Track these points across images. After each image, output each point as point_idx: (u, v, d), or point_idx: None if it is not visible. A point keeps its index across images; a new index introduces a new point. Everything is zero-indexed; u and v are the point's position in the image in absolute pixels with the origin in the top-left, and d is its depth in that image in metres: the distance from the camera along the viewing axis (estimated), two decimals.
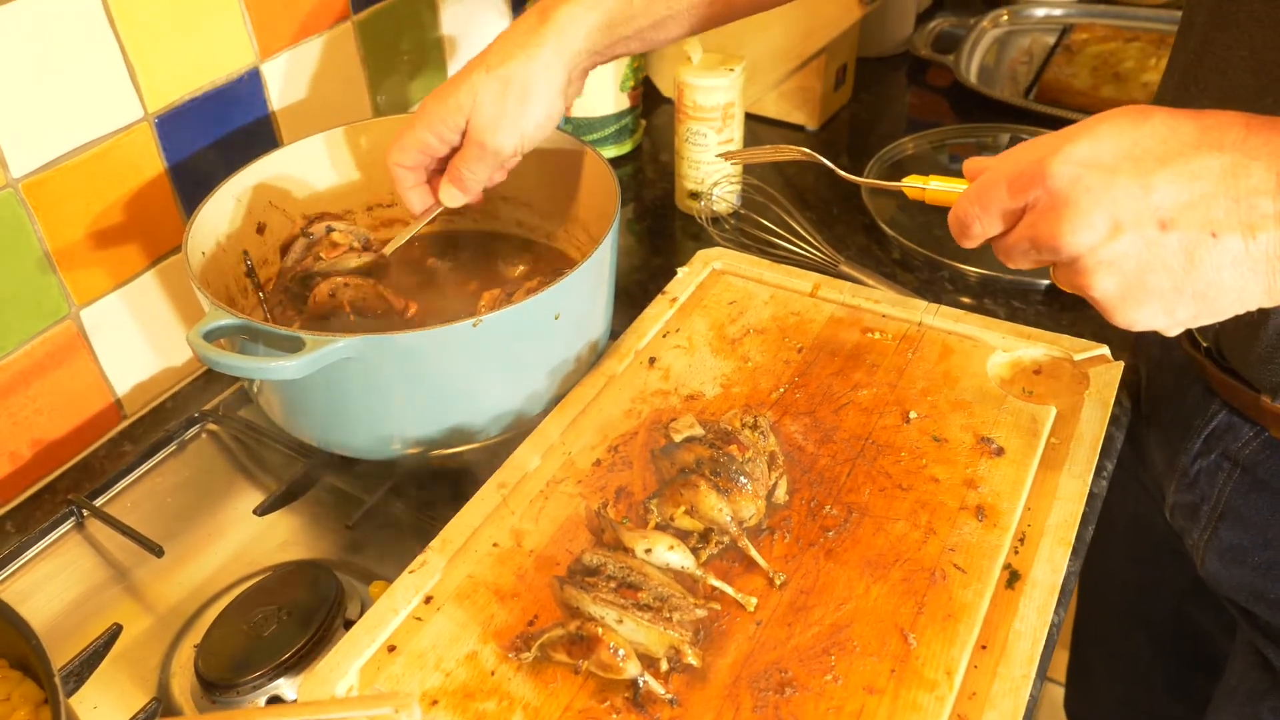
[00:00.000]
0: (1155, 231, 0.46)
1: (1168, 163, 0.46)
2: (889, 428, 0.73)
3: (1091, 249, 0.47)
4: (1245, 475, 0.73)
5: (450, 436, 0.73)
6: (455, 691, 0.58)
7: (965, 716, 0.55)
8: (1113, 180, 0.46)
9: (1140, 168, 0.46)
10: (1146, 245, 0.46)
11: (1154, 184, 0.46)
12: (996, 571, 0.62)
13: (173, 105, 0.82)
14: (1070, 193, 0.47)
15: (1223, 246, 0.45)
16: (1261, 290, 0.46)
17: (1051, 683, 1.71)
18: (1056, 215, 0.48)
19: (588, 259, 0.71)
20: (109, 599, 0.74)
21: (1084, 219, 0.47)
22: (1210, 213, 0.45)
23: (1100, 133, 0.48)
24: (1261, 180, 0.44)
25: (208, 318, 0.66)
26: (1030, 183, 0.49)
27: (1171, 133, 0.46)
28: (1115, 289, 0.48)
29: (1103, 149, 0.47)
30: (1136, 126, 0.47)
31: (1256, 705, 0.79)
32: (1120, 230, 0.46)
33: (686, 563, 0.61)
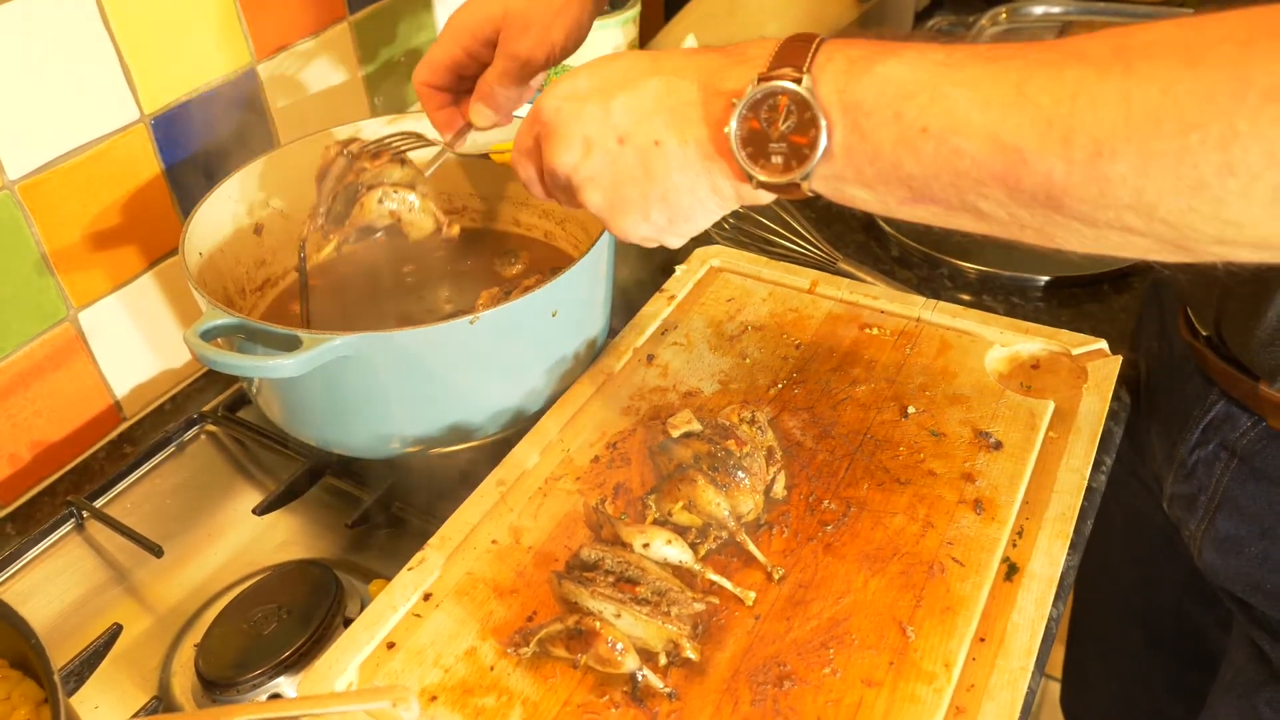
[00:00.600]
0: (615, 146, 0.53)
1: (624, 88, 0.53)
2: (887, 423, 0.73)
3: (575, 167, 0.54)
4: (1243, 465, 0.73)
5: (449, 435, 0.74)
6: (454, 687, 0.58)
7: (963, 708, 0.55)
8: (582, 108, 0.53)
9: (604, 93, 0.53)
10: (612, 159, 0.53)
11: (612, 106, 0.53)
12: (995, 564, 0.62)
13: (169, 106, 0.82)
14: (554, 121, 0.54)
15: (665, 152, 0.52)
16: (707, 189, 0.52)
17: (1050, 679, 1.71)
18: (549, 142, 0.55)
19: (585, 256, 0.72)
20: (109, 599, 0.74)
21: (564, 142, 0.54)
22: (653, 124, 0.52)
23: (579, 72, 0.55)
24: (689, 92, 0.51)
25: (205, 317, 0.66)
26: (533, 121, 0.57)
27: (631, 65, 0.54)
28: (602, 201, 0.55)
29: (580, 84, 0.54)
30: (607, 64, 0.55)
31: (1253, 698, 0.79)
32: (591, 147, 0.53)
33: (685, 557, 0.61)
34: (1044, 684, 1.73)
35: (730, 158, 0.50)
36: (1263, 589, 0.74)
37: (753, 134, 0.49)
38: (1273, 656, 0.76)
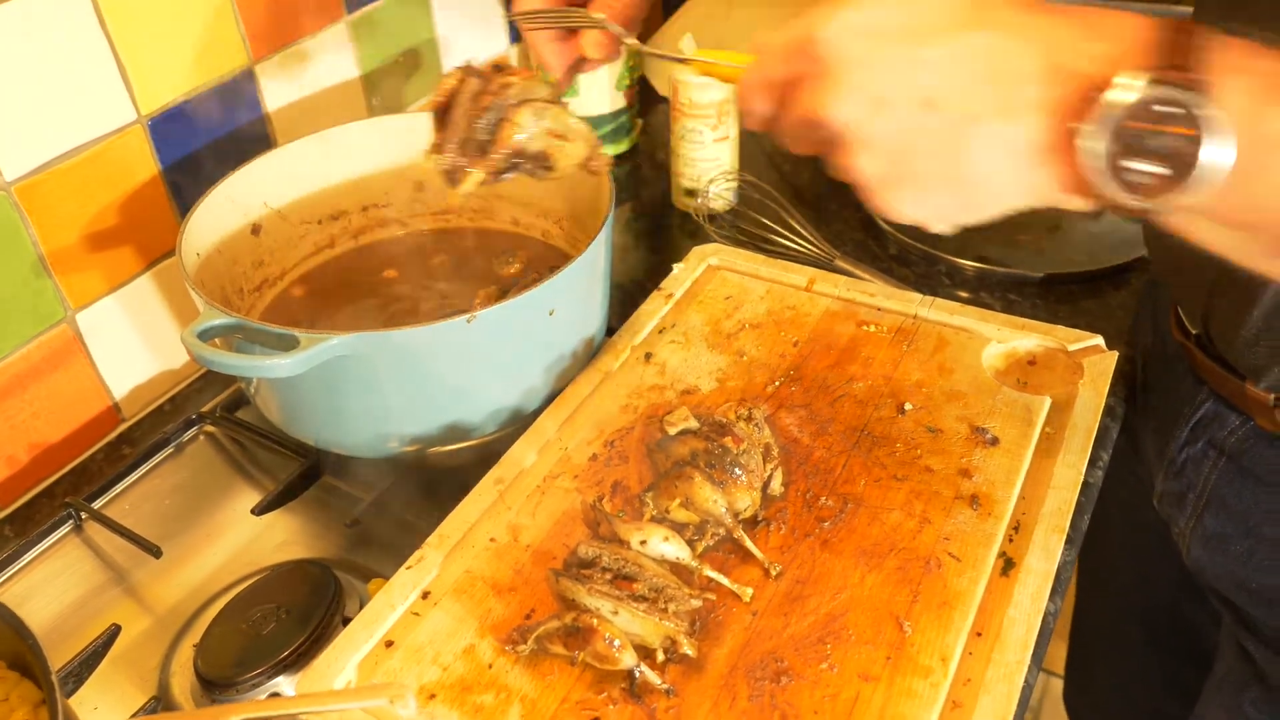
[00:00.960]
0: (918, 110, 0.43)
1: (940, 37, 0.43)
2: (884, 419, 0.73)
3: (855, 125, 0.44)
4: (1230, 464, 0.73)
5: (447, 434, 0.74)
6: (453, 685, 0.58)
7: (960, 703, 0.55)
8: (880, 51, 0.43)
9: (911, 39, 0.43)
10: (908, 125, 0.43)
11: (922, 59, 0.43)
12: (991, 559, 0.62)
13: (166, 107, 0.82)
14: (837, 60, 0.44)
15: (984, 131, 0.42)
16: (1018, 183, 0.43)
17: (1053, 675, 1.71)
18: (824, 85, 0.45)
19: (582, 254, 0.72)
20: (108, 600, 0.74)
21: (847, 90, 0.44)
22: (973, 95, 0.42)
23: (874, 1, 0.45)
24: (1029, 66, 0.41)
25: (202, 317, 0.66)
26: (800, 49, 0.46)
27: (948, 8, 0.43)
28: (876, 170, 0.45)
29: (875, 18, 0.44)
30: None
31: (1239, 697, 0.79)
32: (883, 106, 0.43)
33: (682, 554, 0.61)
34: (1046, 680, 1.74)
35: (1070, 161, 0.41)
36: (1247, 587, 0.74)
37: (1116, 143, 0.39)
38: (1257, 657, 0.76)
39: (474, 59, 0.71)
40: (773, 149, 1.22)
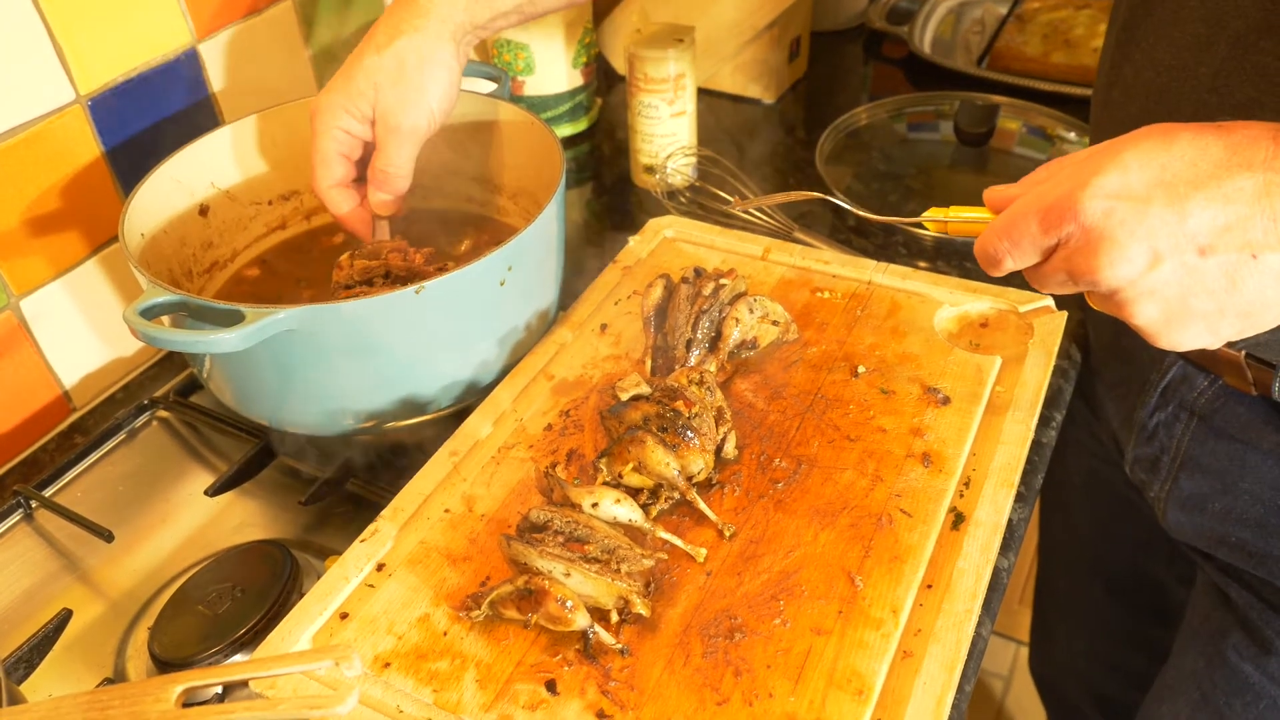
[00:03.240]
0: (1195, 258, 0.46)
1: (1200, 187, 0.45)
2: (838, 382, 0.74)
3: (1132, 280, 0.47)
4: (1202, 424, 0.74)
5: (402, 408, 0.73)
6: (408, 653, 0.58)
7: (911, 652, 0.55)
8: (1146, 210, 0.46)
9: (1173, 194, 0.46)
10: (1187, 272, 0.46)
11: (1188, 210, 0.45)
12: (942, 514, 0.63)
13: (106, 87, 0.81)
14: (1104, 227, 0.47)
15: (1264, 265, 0.45)
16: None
17: (1024, 645, 1.73)
18: (1093, 250, 0.47)
19: (532, 224, 0.71)
20: (60, 588, 0.73)
21: (1121, 253, 0.46)
22: (1248, 234, 0.45)
23: (1127, 160, 0.47)
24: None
25: (145, 295, 0.65)
26: (1062, 218, 0.48)
27: (1200, 154, 0.46)
28: (1158, 315, 0.48)
29: (1132, 178, 0.46)
30: (1164, 150, 0.47)
31: (1219, 643, 0.80)
32: (1159, 260, 0.46)
33: (634, 516, 0.61)
34: (1017, 650, 1.76)
35: None
36: (1227, 543, 0.75)
37: None
38: (1240, 603, 0.77)
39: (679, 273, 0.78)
40: (732, 124, 1.22)
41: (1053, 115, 1.15)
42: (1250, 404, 0.69)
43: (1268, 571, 0.72)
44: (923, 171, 1.12)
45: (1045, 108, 1.16)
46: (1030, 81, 1.22)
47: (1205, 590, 0.84)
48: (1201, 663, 0.83)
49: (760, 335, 0.76)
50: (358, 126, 0.74)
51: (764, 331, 0.76)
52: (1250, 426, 0.70)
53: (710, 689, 0.55)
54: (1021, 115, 1.16)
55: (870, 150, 1.15)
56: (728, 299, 0.76)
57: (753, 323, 0.75)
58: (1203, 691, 0.82)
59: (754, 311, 0.75)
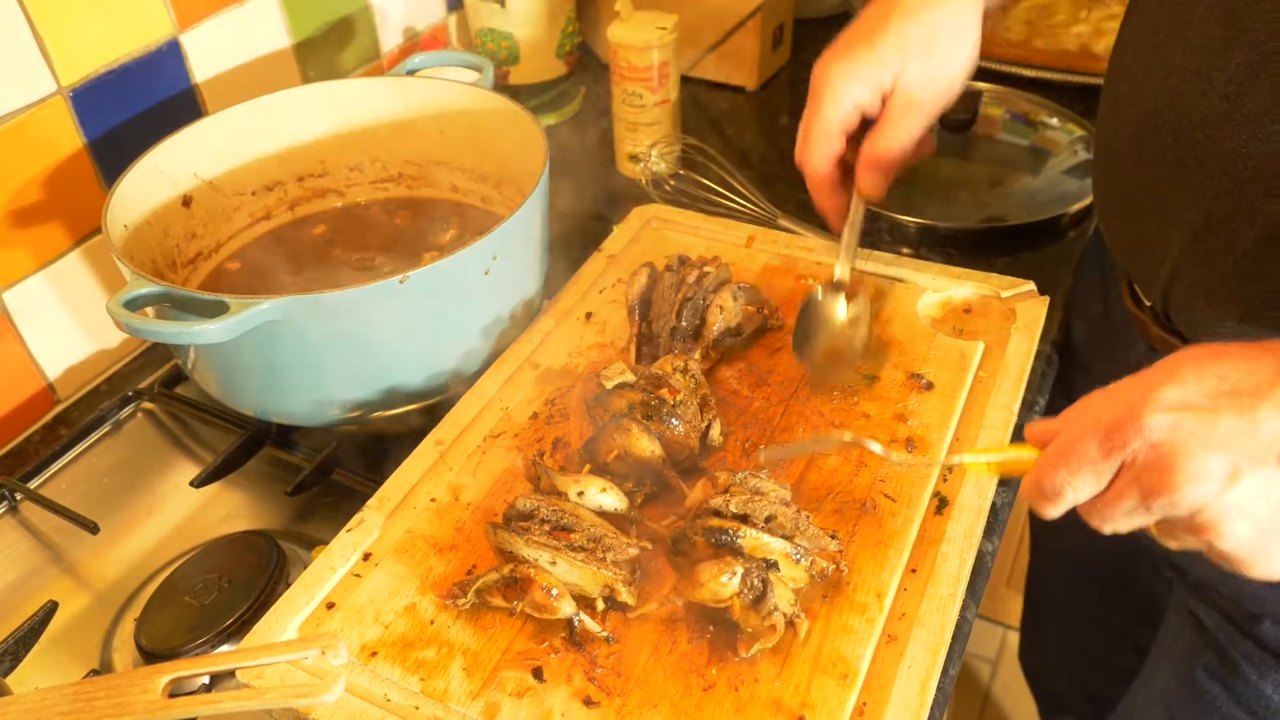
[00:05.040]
0: (1276, 468, 0.43)
1: (1265, 396, 0.44)
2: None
3: (1214, 498, 0.44)
4: None
5: (388, 398, 0.73)
6: (394, 642, 0.58)
7: (895, 635, 0.56)
8: (1215, 420, 0.44)
9: (1239, 405, 0.44)
10: (1273, 484, 0.43)
11: (1260, 418, 0.43)
12: (926, 499, 0.64)
13: (88, 78, 0.80)
14: (1174, 440, 0.44)
15: None
16: None
17: (1012, 630, 1.74)
18: (1166, 467, 0.44)
19: (515, 213, 0.71)
20: (46, 580, 0.73)
21: (1198, 465, 0.43)
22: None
23: (1183, 375, 0.45)
24: None
25: (128, 286, 0.65)
26: (1125, 436, 0.45)
27: (1254, 365, 0.45)
28: (1250, 536, 0.45)
29: (1191, 391, 0.45)
30: (1216, 364, 0.45)
31: (1190, 664, 0.80)
32: (1240, 473, 0.43)
33: (620, 504, 0.62)
34: (1005, 634, 1.77)
35: None
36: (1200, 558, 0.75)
37: None
38: (1209, 624, 0.77)
39: None
40: (716, 112, 1.22)
41: (1035, 101, 1.15)
42: None
43: (1236, 590, 0.72)
44: None
45: (1028, 94, 1.16)
46: (1013, 68, 1.22)
47: (1178, 610, 0.84)
48: (1173, 682, 0.82)
49: (744, 322, 0.76)
50: (870, 99, 0.67)
51: (748, 319, 0.76)
52: None
53: (696, 674, 0.55)
54: (1004, 101, 1.17)
55: None
56: (712, 287, 0.76)
57: (736, 310, 0.75)
58: (1170, 712, 0.82)
59: (738, 299, 0.76)
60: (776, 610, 0.54)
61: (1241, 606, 0.73)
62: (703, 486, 0.61)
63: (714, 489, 0.60)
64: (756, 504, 0.58)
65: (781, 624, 0.54)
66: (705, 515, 0.58)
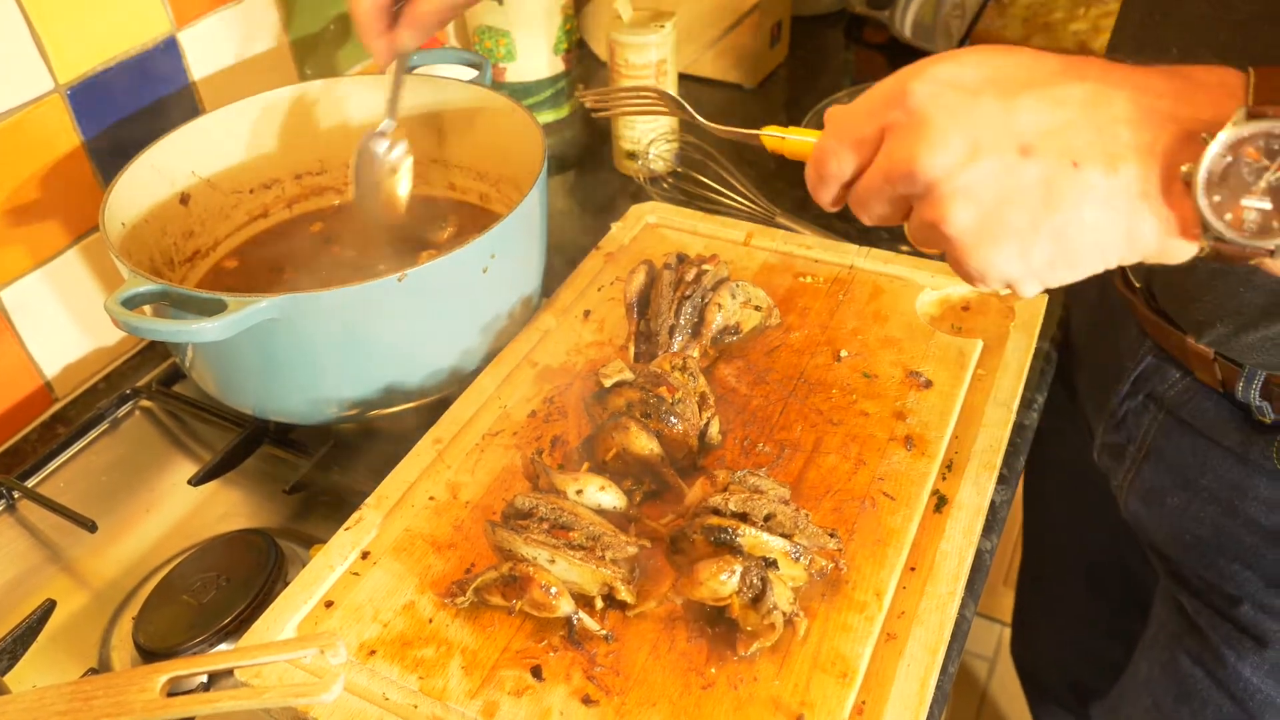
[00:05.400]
0: (1015, 157, 0.42)
1: (1031, 88, 0.43)
2: (820, 366, 0.74)
3: (948, 173, 0.43)
4: (1169, 417, 0.74)
5: (386, 396, 0.73)
6: (393, 641, 0.58)
7: (895, 634, 0.56)
8: (974, 100, 0.43)
9: (1003, 90, 0.43)
10: (1006, 172, 0.43)
11: (1017, 106, 0.43)
12: (925, 497, 0.64)
13: (85, 76, 0.80)
14: (929, 110, 0.44)
15: (1083, 177, 0.42)
16: (1121, 233, 0.43)
17: (1008, 626, 1.75)
18: (914, 134, 0.44)
19: (514, 210, 0.71)
20: (44, 578, 0.72)
21: (941, 137, 0.43)
22: (1072, 140, 0.42)
23: (964, 58, 0.45)
24: (1124, 110, 0.42)
25: (126, 284, 0.65)
26: (889, 103, 0.45)
27: (1036, 61, 0.44)
28: (971, 222, 0.44)
29: (967, 72, 0.44)
30: (1002, 55, 0.45)
31: (1174, 650, 0.80)
32: (979, 152, 0.43)
33: (618, 502, 0.62)
34: (1001, 631, 1.78)
35: (1181, 203, 0.41)
36: (1181, 540, 0.76)
37: (1227, 180, 0.40)
38: (1190, 609, 0.78)
39: None
40: (714, 109, 1.22)
41: None
42: (1217, 401, 0.70)
43: (1217, 574, 0.73)
44: None
45: None
46: None
47: (1164, 595, 0.84)
48: (1156, 669, 0.83)
49: (743, 321, 0.76)
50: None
51: (746, 317, 0.76)
52: (1214, 423, 0.70)
53: (695, 673, 0.55)
54: None
55: None
56: (710, 285, 0.76)
57: (735, 308, 0.75)
58: (1154, 698, 0.82)
59: (736, 297, 0.76)
60: (775, 609, 0.54)
61: (1221, 590, 0.73)
62: (701, 485, 0.61)
63: (713, 487, 0.60)
64: (755, 502, 0.58)
65: (780, 622, 0.54)
66: (704, 513, 0.58)
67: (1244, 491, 0.69)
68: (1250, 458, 0.68)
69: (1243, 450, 0.68)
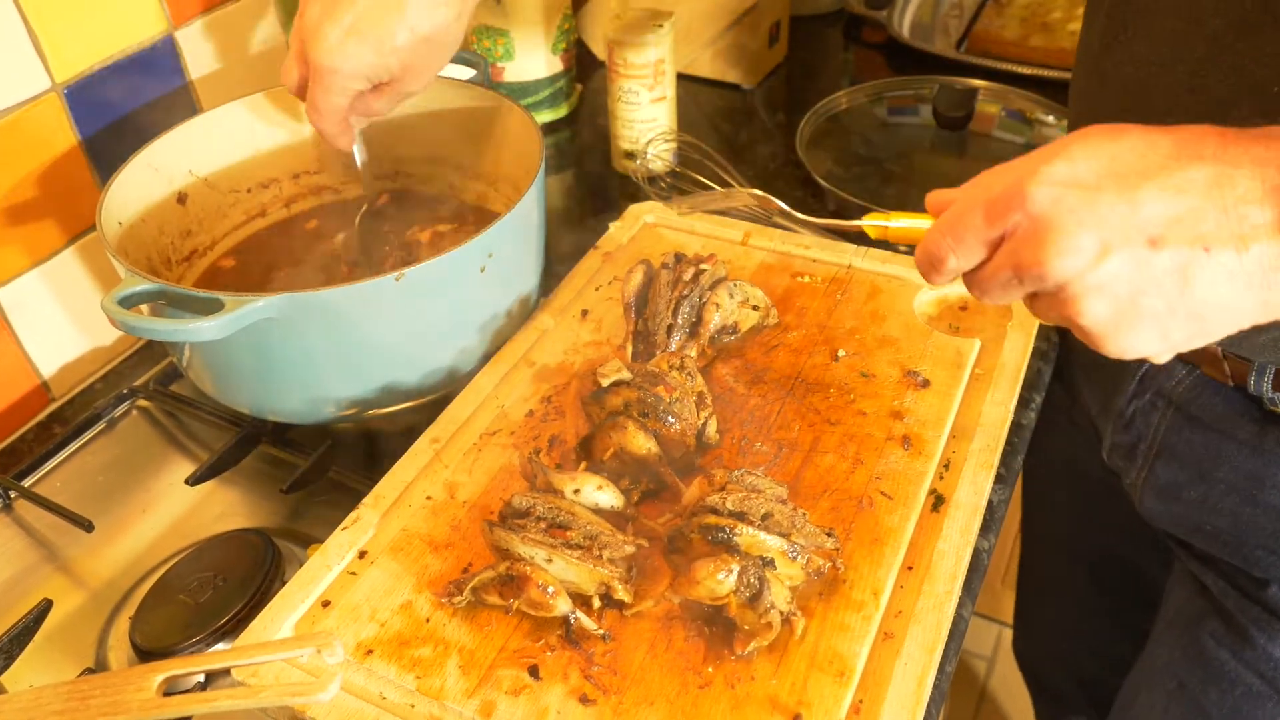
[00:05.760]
0: (1145, 250, 0.43)
1: (1151, 177, 0.44)
2: (818, 366, 0.74)
3: (1080, 273, 0.44)
4: (1179, 413, 0.74)
5: (383, 396, 0.73)
6: (390, 640, 0.58)
7: (892, 633, 0.56)
8: (1096, 198, 0.44)
9: (1123, 184, 0.44)
10: (1138, 265, 0.44)
11: (1140, 199, 0.44)
12: (922, 496, 0.64)
13: (82, 75, 0.80)
14: (1053, 214, 0.45)
15: (1216, 261, 0.43)
16: (1257, 304, 0.44)
17: (1007, 626, 1.75)
18: (1040, 239, 0.45)
19: (512, 210, 0.71)
20: (40, 578, 0.72)
21: (1070, 240, 0.44)
22: (1200, 226, 0.43)
23: (1075, 152, 0.46)
24: (1248, 189, 0.43)
25: (123, 283, 0.65)
26: (1008, 207, 0.46)
27: (1149, 147, 0.45)
28: (1107, 314, 0.45)
29: (1080, 168, 0.45)
30: (1112, 143, 0.46)
31: (1196, 631, 0.80)
32: (1109, 251, 0.44)
33: (616, 502, 0.62)
34: (1000, 631, 1.78)
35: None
36: (1203, 530, 0.76)
37: None
38: (1214, 590, 0.78)
39: None
40: (712, 109, 1.22)
41: (1031, 98, 1.15)
42: (1227, 395, 0.70)
43: (1242, 560, 0.73)
44: (903, 155, 1.13)
45: (1024, 91, 1.16)
46: (1008, 65, 1.22)
47: (1181, 579, 0.84)
48: (1178, 652, 0.83)
49: (740, 320, 0.76)
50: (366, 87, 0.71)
51: (744, 316, 0.76)
52: (1226, 417, 0.71)
53: (693, 672, 0.55)
54: (1000, 99, 1.17)
55: (850, 135, 1.16)
56: (708, 284, 0.76)
57: (733, 308, 0.75)
58: (1179, 680, 0.82)
59: (734, 296, 0.75)
60: (773, 608, 0.54)
61: (1248, 573, 0.74)
62: (699, 484, 0.61)
63: (710, 486, 0.60)
64: (753, 501, 0.58)
65: (778, 621, 0.54)
66: (702, 513, 0.58)
67: (1262, 481, 0.69)
68: (1266, 447, 0.68)
69: (1258, 441, 0.69)
